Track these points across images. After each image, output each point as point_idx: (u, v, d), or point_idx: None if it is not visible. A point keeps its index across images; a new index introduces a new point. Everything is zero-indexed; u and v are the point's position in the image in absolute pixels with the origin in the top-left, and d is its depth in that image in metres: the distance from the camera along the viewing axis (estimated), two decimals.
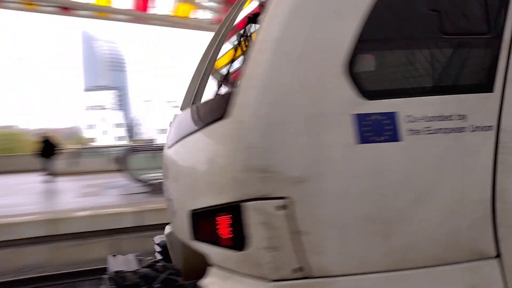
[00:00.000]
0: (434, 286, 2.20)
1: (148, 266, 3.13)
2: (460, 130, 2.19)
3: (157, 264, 3.17)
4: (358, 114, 2.10)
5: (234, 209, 2.18)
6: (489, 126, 2.22)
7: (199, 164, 2.57)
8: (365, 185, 2.11)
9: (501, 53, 2.26)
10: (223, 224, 2.30)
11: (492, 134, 2.23)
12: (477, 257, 2.22)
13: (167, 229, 3.69)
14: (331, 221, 2.10)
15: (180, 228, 2.97)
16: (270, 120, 2.10)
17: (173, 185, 3.11)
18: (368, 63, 2.28)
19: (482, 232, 2.23)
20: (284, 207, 2.06)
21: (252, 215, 2.12)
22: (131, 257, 3.57)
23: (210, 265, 2.48)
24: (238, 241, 2.21)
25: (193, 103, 3.62)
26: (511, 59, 2.27)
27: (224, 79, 2.81)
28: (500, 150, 2.22)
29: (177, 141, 3.03)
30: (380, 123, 2.11)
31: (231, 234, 2.26)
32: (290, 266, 2.09)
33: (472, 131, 2.20)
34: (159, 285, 2.83)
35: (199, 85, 3.75)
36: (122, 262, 3.40)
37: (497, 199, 2.22)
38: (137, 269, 3.07)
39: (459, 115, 2.19)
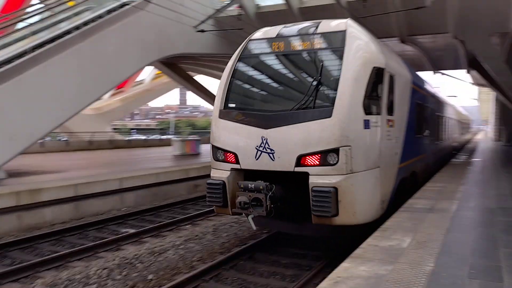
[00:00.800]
0: (375, 173, 7.41)
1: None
2: (377, 125, 7.48)
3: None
4: (364, 119, 7.11)
5: (334, 151, 6.65)
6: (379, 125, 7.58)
7: (313, 135, 6.75)
8: (365, 141, 7.16)
9: (381, 103, 7.71)
10: (323, 157, 6.70)
11: (380, 127, 7.59)
12: (378, 166, 7.46)
13: (224, 173, 7.49)
14: (357, 153, 6.87)
15: (281, 164, 6.92)
16: (349, 120, 6.79)
17: (279, 145, 6.92)
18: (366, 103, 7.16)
19: (378, 158, 7.52)
20: (350, 149, 6.70)
21: (342, 152, 6.67)
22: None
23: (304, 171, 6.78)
24: (330, 163, 6.68)
25: (226, 106, 7.86)
26: (382, 106, 7.73)
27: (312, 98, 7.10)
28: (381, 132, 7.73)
29: (280, 126, 6.97)
30: (368, 122, 7.16)
31: (327, 160, 6.70)
32: (349, 168, 6.70)
33: (378, 126, 7.47)
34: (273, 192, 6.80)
35: (226, 94, 7.91)
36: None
37: (380, 147, 7.53)
38: (268, 184, 6.81)
39: (378, 121, 7.53)
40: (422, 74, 29.72)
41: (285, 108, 7.35)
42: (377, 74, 7.40)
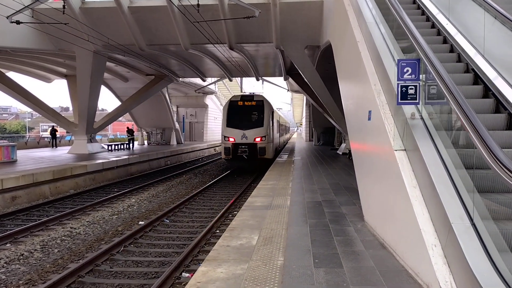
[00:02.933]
0: (272, 144, 24.64)
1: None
2: (272, 129, 24.31)
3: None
4: (270, 126, 23.66)
5: (264, 136, 22.11)
6: (271, 129, 24.12)
7: (258, 131, 22.06)
8: (271, 134, 23.26)
9: (272, 122, 24.31)
10: (262, 139, 21.95)
11: (272, 130, 24.04)
12: (272, 142, 24.19)
13: (229, 144, 21.92)
14: (269, 137, 22.75)
15: (249, 140, 21.73)
16: (267, 128, 22.47)
17: (249, 136, 21.73)
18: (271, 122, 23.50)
19: (272, 139, 24.15)
20: (268, 135, 22.46)
21: (266, 136, 22.24)
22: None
23: (256, 143, 21.92)
24: (263, 140, 22.11)
25: (228, 123, 22.94)
26: (272, 122, 24.23)
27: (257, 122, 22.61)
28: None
29: (247, 129, 21.90)
30: (271, 128, 24.05)
31: (262, 139, 22.09)
32: (267, 141, 22.34)
33: (272, 129, 24.11)
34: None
35: (227, 120, 22.79)
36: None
37: (273, 136, 24.20)
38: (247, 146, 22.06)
39: (272, 127, 24.02)
40: (248, 79, 36.70)
41: (249, 123, 22.11)
42: (272, 114, 23.40)
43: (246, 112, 22.59)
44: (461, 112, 3.91)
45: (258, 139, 21.59)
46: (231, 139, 21.65)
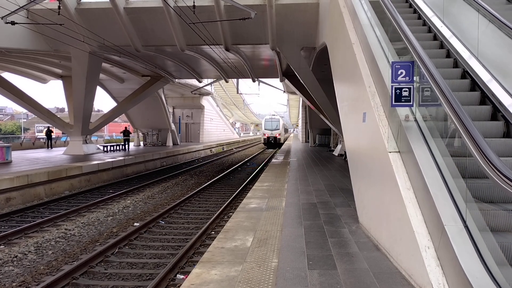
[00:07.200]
0: (283, 136, 60.20)
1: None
2: (282, 131, 59.22)
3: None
4: (281, 130, 57.80)
5: (279, 133, 53.99)
6: (282, 131, 56.98)
7: (277, 132, 53.76)
8: (283, 133, 58.04)
9: (283, 128, 57.78)
10: (279, 135, 54.16)
11: (283, 131, 57.16)
12: (283, 135, 59.13)
13: (265, 137, 54.35)
14: (282, 134, 55.81)
15: (273, 135, 53.40)
16: (282, 130, 55.57)
17: (273, 133, 53.43)
18: (283, 128, 60.54)
19: (283, 134, 58.03)
20: (282, 133, 56.44)
21: (280, 134, 54.51)
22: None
23: (276, 136, 53.85)
24: (280, 135, 54.74)
25: (265, 128, 56.96)
26: (283, 128, 57.82)
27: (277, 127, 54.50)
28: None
29: (273, 130, 53.57)
30: (282, 131, 60.25)
31: (279, 135, 54.31)
32: (281, 135, 56.65)
33: (283, 131, 58.06)
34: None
35: (265, 126, 55.54)
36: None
37: (282, 133, 56.61)
38: (274, 137, 54.18)
39: (283, 130, 59.43)
40: (244, 81, 46.93)
41: (273, 128, 53.46)
42: (283, 125, 56.47)
43: (272, 123, 51.83)
44: (455, 115, 3.92)
45: (277, 135, 51.59)
46: (266, 134, 51.95)
